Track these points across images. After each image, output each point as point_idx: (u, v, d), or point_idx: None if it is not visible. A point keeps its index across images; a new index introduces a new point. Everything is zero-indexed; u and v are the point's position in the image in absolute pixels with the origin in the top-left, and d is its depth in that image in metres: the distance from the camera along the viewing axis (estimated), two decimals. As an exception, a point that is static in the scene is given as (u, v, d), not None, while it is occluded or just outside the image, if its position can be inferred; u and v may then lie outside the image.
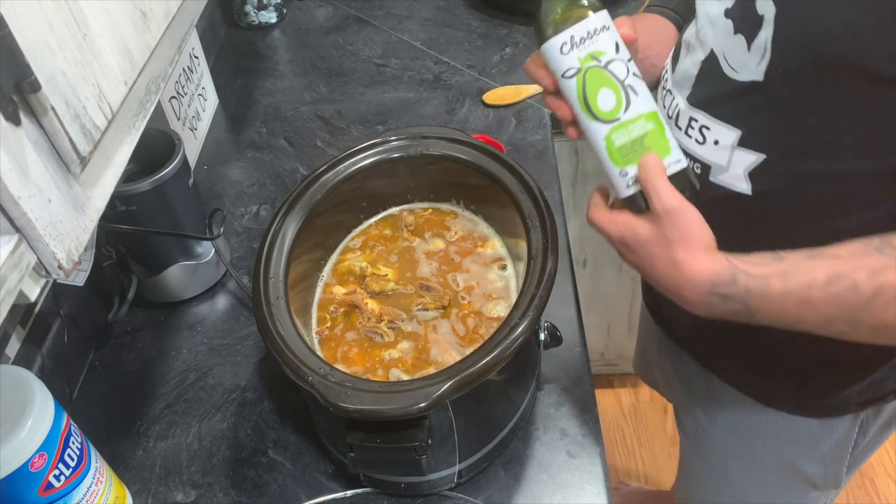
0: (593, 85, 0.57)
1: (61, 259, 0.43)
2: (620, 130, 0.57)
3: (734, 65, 0.60)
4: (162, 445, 0.79)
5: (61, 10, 0.42)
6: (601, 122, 0.58)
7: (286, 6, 1.48)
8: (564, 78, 0.58)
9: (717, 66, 0.62)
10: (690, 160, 0.66)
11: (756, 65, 0.58)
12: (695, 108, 0.65)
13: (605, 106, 0.57)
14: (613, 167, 0.59)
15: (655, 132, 0.58)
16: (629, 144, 0.58)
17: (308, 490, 0.73)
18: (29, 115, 0.40)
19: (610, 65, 0.57)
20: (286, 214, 0.74)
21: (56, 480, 0.61)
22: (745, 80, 0.60)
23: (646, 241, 0.59)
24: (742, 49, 0.59)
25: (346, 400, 0.58)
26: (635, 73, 0.58)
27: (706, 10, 0.64)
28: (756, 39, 0.58)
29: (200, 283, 0.94)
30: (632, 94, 0.57)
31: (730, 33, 0.60)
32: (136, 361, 0.88)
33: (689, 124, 0.66)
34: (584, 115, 0.59)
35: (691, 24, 0.69)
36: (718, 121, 0.63)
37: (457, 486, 0.72)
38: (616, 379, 1.81)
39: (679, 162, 0.58)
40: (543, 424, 0.76)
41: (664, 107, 0.71)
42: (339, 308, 0.77)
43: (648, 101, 0.58)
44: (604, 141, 0.58)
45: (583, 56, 0.57)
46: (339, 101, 1.25)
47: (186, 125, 1.10)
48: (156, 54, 0.55)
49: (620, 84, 0.57)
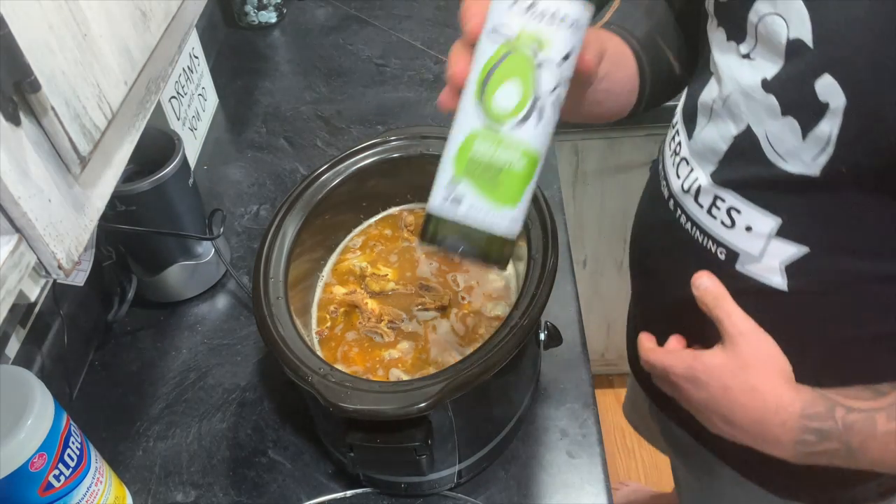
0: (507, 70, 0.44)
1: (61, 259, 0.43)
2: (490, 141, 0.44)
3: (782, 152, 0.52)
4: (162, 445, 0.79)
5: (61, 10, 0.42)
6: (481, 113, 0.44)
7: (286, 6, 1.47)
8: (488, 34, 0.45)
9: (757, 149, 0.53)
10: (711, 242, 0.58)
11: (812, 158, 0.50)
12: (722, 188, 0.56)
13: (499, 102, 0.44)
14: (450, 169, 0.45)
15: (519, 176, 0.45)
16: (484, 163, 0.44)
17: (308, 490, 0.73)
18: (29, 115, 0.40)
19: (542, 67, 0.44)
20: (286, 214, 0.74)
21: (56, 480, 0.61)
22: (795, 172, 0.51)
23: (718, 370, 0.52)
24: (793, 136, 0.50)
25: (346, 400, 0.58)
26: (557, 100, 0.45)
27: (734, 75, 0.54)
28: (815, 130, 0.49)
29: (200, 283, 0.94)
30: (535, 116, 0.44)
31: (774, 113, 0.51)
32: (135, 361, 0.88)
33: (713, 203, 0.57)
34: (472, 92, 0.45)
35: (710, 84, 0.58)
36: (753, 205, 0.55)
37: (457, 486, 0.72)
38: (616, 379, 1.81)
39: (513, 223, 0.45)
40: (543, 424, 0.76)
41: (677, 177, 0.62)
42: (339, 308, 0.77)
43: (543, 140, 0.45)
44: (465, 135, 0.45)
45: (527, 30, 0.43)
46: (339, 101, 1.25)
47: (186, 125, 1.10)
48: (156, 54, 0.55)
49: (534, 95, 0.44)
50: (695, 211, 0.60)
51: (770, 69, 0.51)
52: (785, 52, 0.50)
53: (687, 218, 0.61)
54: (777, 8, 0.50)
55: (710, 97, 0.58)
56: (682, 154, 0.62)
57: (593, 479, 0.72)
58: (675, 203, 0.63)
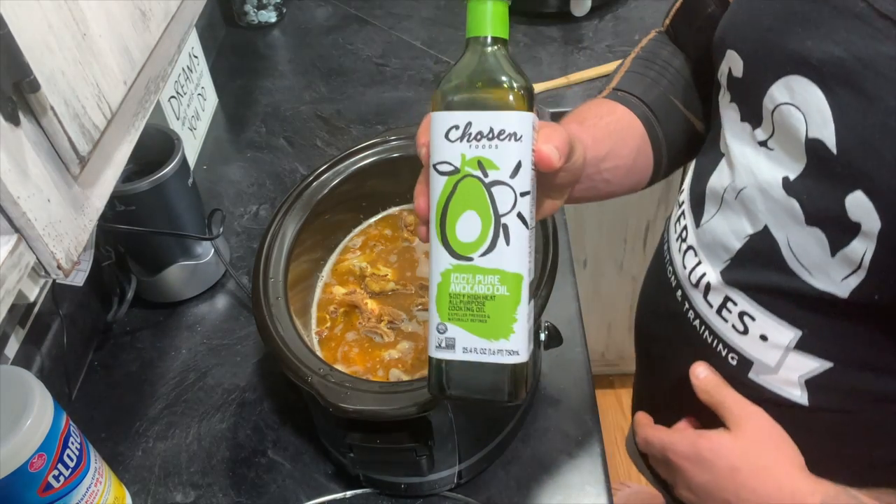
0: (462, 201, 0.42)
1: (60, 259, 0.43)
2: (465, 275, 0.43)
3: (807, 264, 0.46)
4: (161, 446, 0.79)
5: (61, 10, 0.42)
6: (448, 250, 0.43)
7: (286, 6, 1.47)
8: (433, 170, 0.43)
9: (777, 254, 0.48)
10: (722, 346, 0.54)
11: (841, 278, 0.45)
12: (734, 289, 0.52)
13: (462, 235, 0.42)
14: (436, 314, 0.44)
15: (505, 302, 0.42)
16: (466, 298, 0.43)
17: (308, 491, 0.73)
18: (28, 115, 0.40)
19: (495, 187, 0.42)
20: (286, 214, 0.74)
21: (55, 481, 0.60)
22: (821, 288, 0.46)
23: (726, 449, 0.48)
24: (820, 250, 0.45)
25: (345, 400, 0.58)
26: (521, 215, 0.42)
27: (750, 166, 0.49)
28: (845, 249, 0.43)
29: (200, 283, 0.94)
30: (501, 239, 0.42)
31: (798, 220, 0.46)
32: (135, 362, 0.88)
33: (723, 305, 0.53)
34: (434, 230, 0.43)
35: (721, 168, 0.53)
36: (769, 313, 0.50)
37: (457, 486, 0.72)
38: (616, 379, 1.81)
39: (515, 355, 0.43)
40: (543, 425, 0.76)
41: (684, 266, 0.57)
42: (339, 308, 0.77)
43: (519, 258, 0.43)
44: (440, 276, 0.43)
45: (469, 156, 0.42)
46: (338, 101, 1.25)
47: (186, 125, 1.10)
48: (155, 54, 0.55)
49: (494, 218, 0.42)
50: (704, 309, 0.55)
51: (792, 168, 0.46)
52: (806, 152, 0.44)
53: (695, 314, 0.57)
54: (794, 98, 0.45)
55: (720, 184, 0.53)
56: (689, 242, 0.57)
57: (593, 480, 0.72)
58: (683, 295, 0.58)
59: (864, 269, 0.43)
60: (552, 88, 1.17)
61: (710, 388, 0.50)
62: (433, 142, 0.43)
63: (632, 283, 1.47)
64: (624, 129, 0.60)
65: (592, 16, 1.28)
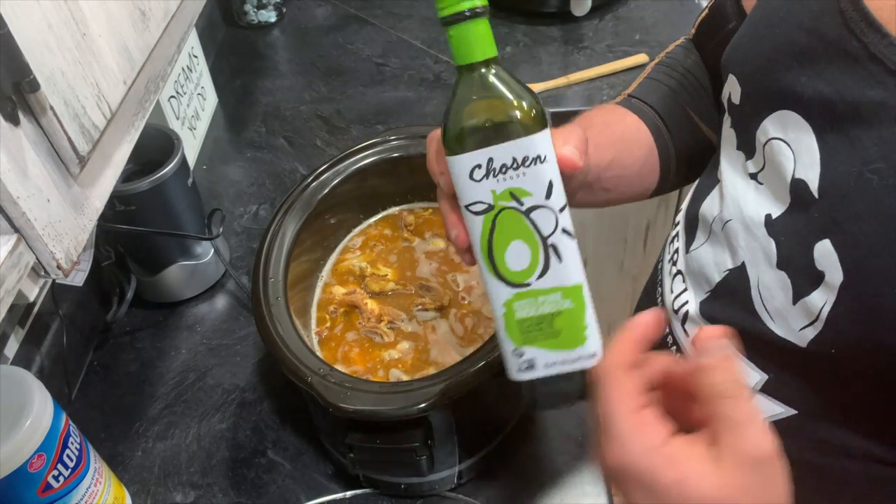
0: (504, 234, 0.42)
1: (60, 259, 0.43)
2: (527, 300, 0.43)
3: (769, 308, 0.45)
4: (161, 446, 0.79)
5: (60, 10, 0.42)
6: (504, 282, 0.43)
7: (286, 5, 1.47)
8: (466, 211, 0.43)
9: (747, 294, 0.47)
10: None
11: (799, 327, 0.43)
12: (708, 323, 0.51)
13: (513, 264, 0.43)
14: (508, 341, 0.44)
15: (573, 313, 0.43)
16: (534, 321, 0.43)
17: (308, 491, 0.73)
18: (28, 115, 0.40)
19: (534, 212, 0.42)
20: (286, 214, 0.74)
21: (55, 481, 0.60)
22: (782, 336, 0.45)
23: (712, 491, 0.35)
24: (784, 296, 0.43)
25: (345, 400, 0.58)
26: (566, 230, 0.42)
27: (738, 198, 0.47)
28: (806, 298, 0.42)
29: (199, 283, 0.94)
30: (553, 258, 0.42)
31: (770, 261, 0.44)
32: (135, 362, 0.88)
33: None
34: (484, 266, 0.44)
35: (713, 195, 0.51)
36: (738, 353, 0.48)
37: (457, 486, 0.72)
38: (616, 379, 1.81)
39: (594, 357, 0.43)
40: (543, 425, 0.76)
41: (671, 291, 0.56)
42: (339, 308, 0.77)
43: (575, 270, 0.43)
44: (503, 307, 0.44)
45: (499, 191, 0.41)
46: (338, 101, 1.25)
47: (186, 124, 1.10)
48: (155, 54, 0.55)
49: (541, 241, 0.42)
50: (681, 337, 0.54)
51: (776, 206, 0.44)
52: (790, 192, 0.43)
53: (673, 340, 0.56)
54: (787, 135, 0.43)
55: (711, 212, 0.52)
56: (679, 266, 0.56)
57: (593, 480, 0.72)
58: (665, 319, 0.57)
59: (820, 322, 0.41)
60: (552, 88, 1.17)
61: (716, 361, 0.36)
62: (458, 185, 0.42)
63: (632, 283, 1.47)
64: (630, 139, 0.58)
65: (592, 16, 1.28)
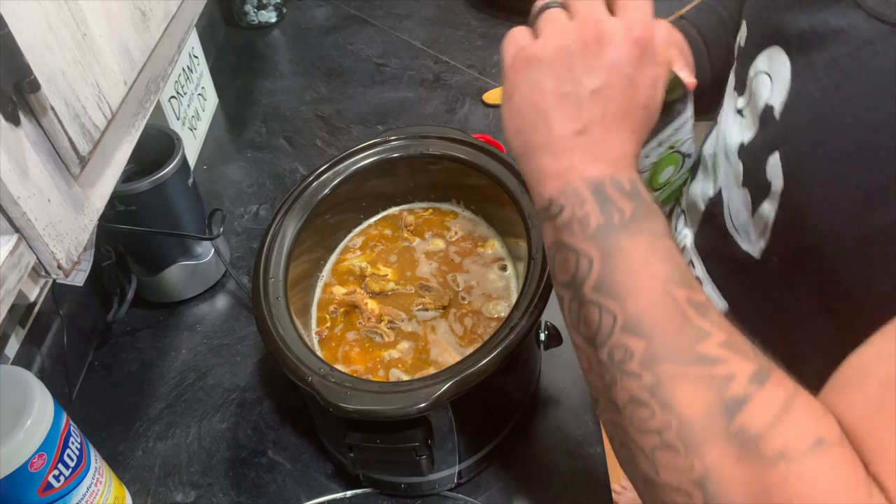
0: (661, 167, 0.54)
1: (60, 259, 0.43)
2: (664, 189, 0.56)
3: (737, 224, 0.48)
4: (161, 446, 0.79)
5: (61, 10, 0.42)
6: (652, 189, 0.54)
7: (286, 6, 1.47)
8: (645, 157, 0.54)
9: (722, 216, 0.51)
10: None
11: (756, 238, 0.46)
12: (696, 254, 0.55)
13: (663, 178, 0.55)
14: None
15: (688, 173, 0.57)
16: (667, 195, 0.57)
17: (308, 490, 0.73)
18: (28, 115, 0.40)
19: (682, 146, 0.53)
20: (286, 214, 0.74)
21: (55, 481, 0.61)
22: (743, 248, 0.48)
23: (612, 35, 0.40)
24: (745, 210, 0.47)
25: (345, 400, 0.58)
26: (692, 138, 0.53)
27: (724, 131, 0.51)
28: (759, 209, 0.45)
29: (200, 283, 0.94)
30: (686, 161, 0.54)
31: (738, 181, 0.48)
32: (135, 362, 0.88)
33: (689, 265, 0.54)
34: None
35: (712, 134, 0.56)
36: (711, 282, 0.53)
37: (457, 486, 0.72)
38: (616, 379, 1.81)
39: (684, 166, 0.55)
40: (543, 424, 0.76)
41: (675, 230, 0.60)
42: (339, 308, 0.77)
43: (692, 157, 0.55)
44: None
45: (663, 150, 0.52)
46: (338, 101, 1.25)
47: (186, 125, 1.10)
48: (155, 54, 0.55)
49: (681, 157, 0.54)
50: None
51: (749, 133, 0.47)
52: (759, 118, 0.46)
53: None
54: (771, 68, 0.46)
55: (708, 151, 0.56)
56: (682, 205, 0.60)
57: (593, 480, 0.72)
58: None
59: (768, 230, 0.44)
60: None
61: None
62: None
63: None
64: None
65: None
